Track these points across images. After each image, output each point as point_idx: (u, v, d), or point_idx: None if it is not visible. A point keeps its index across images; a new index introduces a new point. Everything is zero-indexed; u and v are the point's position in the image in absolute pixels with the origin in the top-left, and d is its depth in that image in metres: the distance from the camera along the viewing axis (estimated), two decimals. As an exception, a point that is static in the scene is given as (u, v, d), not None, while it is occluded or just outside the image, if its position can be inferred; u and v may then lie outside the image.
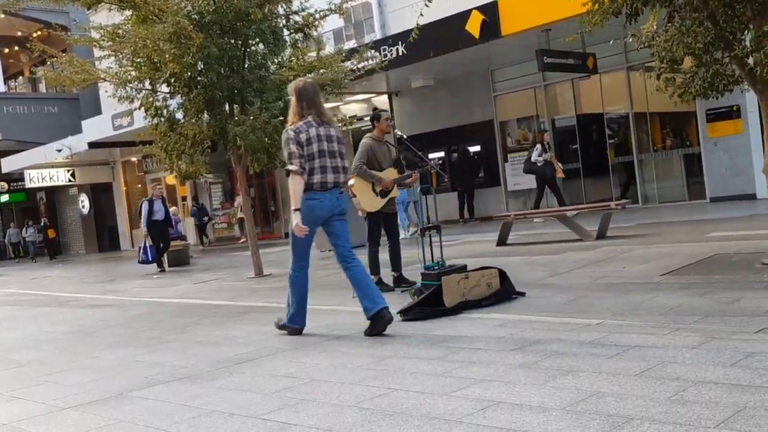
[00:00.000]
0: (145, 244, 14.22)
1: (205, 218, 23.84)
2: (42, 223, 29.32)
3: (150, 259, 14.26)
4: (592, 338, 4.42)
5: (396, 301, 6.47)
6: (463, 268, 6.44)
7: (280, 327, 5.74)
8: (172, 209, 19.46)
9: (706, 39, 6.32)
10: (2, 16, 22.29)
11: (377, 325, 5.20)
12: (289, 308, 5.63)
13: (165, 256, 14.93)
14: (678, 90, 6.89)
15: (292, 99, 5.46)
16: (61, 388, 4.83)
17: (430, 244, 6.73)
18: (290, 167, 5.19)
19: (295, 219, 5.20)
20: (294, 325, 5.61)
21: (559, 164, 14.62)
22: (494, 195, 17.33)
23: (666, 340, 4.20)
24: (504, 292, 6.16)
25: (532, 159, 14.42)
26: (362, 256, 6.17)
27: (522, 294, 6.23)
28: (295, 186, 5.21)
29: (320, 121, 5.34)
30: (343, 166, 5.43)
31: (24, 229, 29.33)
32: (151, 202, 14.56)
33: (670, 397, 3.18)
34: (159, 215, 14.53)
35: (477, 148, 17.82)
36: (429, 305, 5.84)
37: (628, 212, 12.07)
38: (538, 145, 14.39)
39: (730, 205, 12.60)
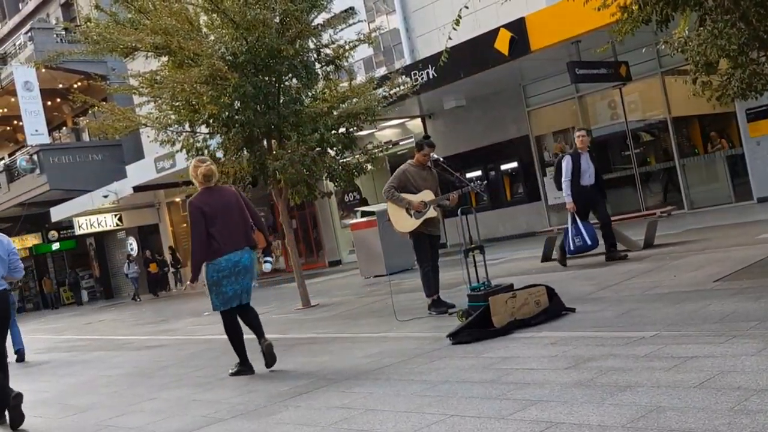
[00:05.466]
0: (576, 221, 9.38)
1: None
2: (145, 257, 27.52)
3: (589, 242, 9.21)
4: (648, 351, 4.35)
5: (445, 324, 6.47)
6: (510, 287, 6.40)
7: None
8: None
9: (740, 40, 6.26)
10: (44, 70, 23.04)
11: None
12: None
13: None
14: (715, 93, 6.82)
15: None
16: None
17: (475, 265, 6.72)
18: None
19: None
20: None
21: None
22: (535, 210, 17.20)
23: (724, 348, 4.12)
24: (553, 309, 6.11)
25: None
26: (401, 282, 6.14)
27: (572, 310, 6.17)
28: None
29: None
30: None
31: (126, 265, 27.26)
32: (576, 157, 9.46)
33: (732, 407, 3.11)
34: (588, 177, 9.46)
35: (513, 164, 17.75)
36: (478, 327, 5.82)
37: (674, 219, 11.87)
38: None
39: (779, 204, 12.32)
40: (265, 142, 10.75)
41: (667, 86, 14.55)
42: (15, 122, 31.67)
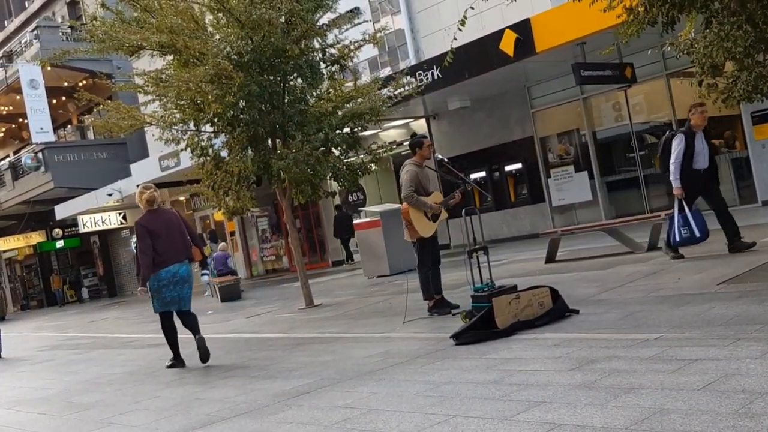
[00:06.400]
0: (684, 208, 8.25)
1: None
2: None
3: (698, 234, 8.19)
4: (652, 353, 4.35)
5: (448, 325, 6.47)
6: (513, 288, 6.41)
7: None
8: (221, 245, 19.75)
9: (746, 42, 6.25)
10: (49, 68, 23.08)
11: None
12: None
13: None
14: (721, 95, 6.81)
15: None
16: (125, 430, 4.94)
17: (479, 266, 6.72)
18: None
19: None
20: None
21: None
22: (539, 211, 17.19)
23: (728, 351, 4.11)
24: (557, 311, 6.10)
25: None
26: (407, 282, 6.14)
27: (575, 312, 6.16)
28: None
29: None
30: None
31: None
32: (691, 136, 8.13)
33: (736, 410, 3.11)
34: (702, 160, 8.27)
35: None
36: (481, 328, 5.82)
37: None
38: None
39: (783, 207, 12.28)
40: (269, 142, 10.76)
41: (673, 88, 14.52)
42: (20, 120, 31.73)
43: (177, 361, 7.27)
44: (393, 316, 8.01)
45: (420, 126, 18.93)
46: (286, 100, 10.49)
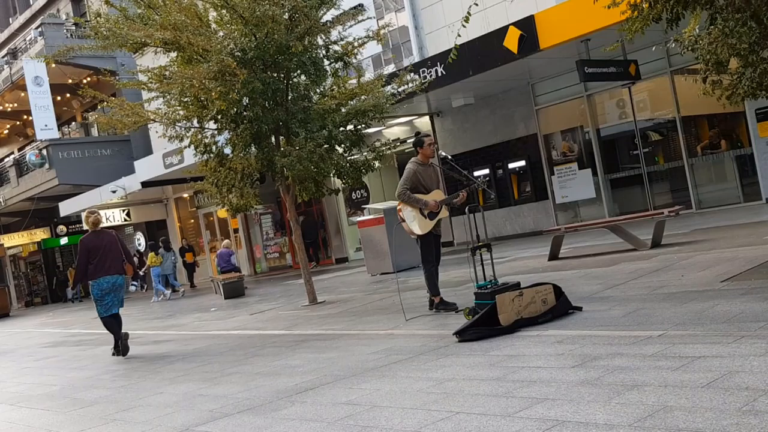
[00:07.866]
0: None
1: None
2: (180, 247, 24.61)
3: None
4: (655, 351, 4.34)
5: (451, 322, 6.47)
6: (516, 285, 6.40)
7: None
8: (224, 242, 19.79)
9: (750, 39, 6.23)
10: (54, 66, 23.11)
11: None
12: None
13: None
14: (725, 92, 6.78)
15: None
16: (128, 426, 4.95)
17: (482, 263, 6.71)
18: None
19: None
20: None
21: None
22: (542, 209, 17.18)
23: (731, 348, 4.10)
24: (560, 308, 6.10)
25: None
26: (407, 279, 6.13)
27: (579, 309, 6.16)
28: None
29: None
30: None
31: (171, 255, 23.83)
32: None
33: (740, 408, 3.10)
34: None
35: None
36: (484, 325, 5.82)
37: (682, 218, 11.84)
38: None
39: (788, 204, 12.24)
40: (273, 139, 10.76)
41: (677, 85, 14.49)
42: (25, 117, 31.81)
43: (117, 349, 8.91)
44: (396, 313, 8.01)
45: (424, 123, 18.92)
46: (289, 97, 10.49)
